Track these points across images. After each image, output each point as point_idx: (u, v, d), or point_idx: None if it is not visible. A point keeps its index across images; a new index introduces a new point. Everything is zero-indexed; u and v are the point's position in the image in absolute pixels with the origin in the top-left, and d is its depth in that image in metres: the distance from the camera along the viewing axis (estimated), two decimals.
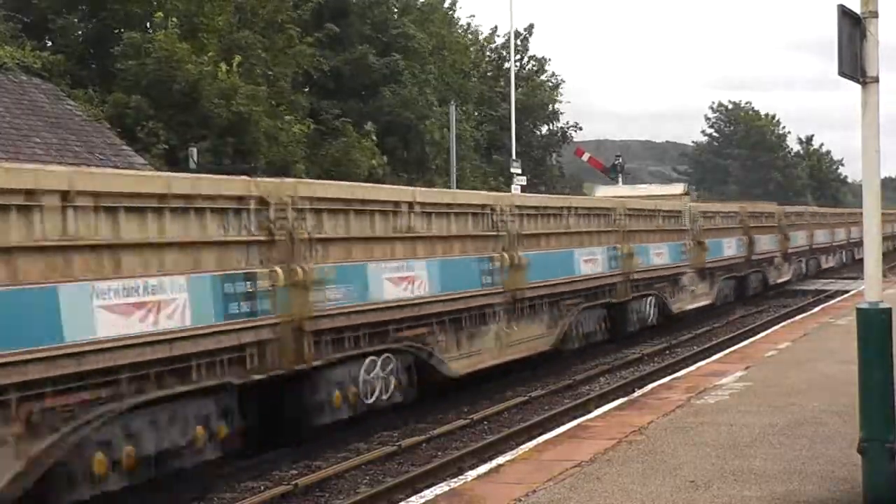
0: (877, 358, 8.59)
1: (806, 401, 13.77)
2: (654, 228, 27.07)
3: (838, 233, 52.95)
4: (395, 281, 15.10)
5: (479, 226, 18.12)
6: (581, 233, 22.22)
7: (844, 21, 8.58)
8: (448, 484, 10.57)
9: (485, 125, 48.55)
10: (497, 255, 18.30)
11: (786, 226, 41.66)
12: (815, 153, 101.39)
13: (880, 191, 8.99)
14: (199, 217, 11.73)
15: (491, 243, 18.32)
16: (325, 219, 13.84)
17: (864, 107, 8.70)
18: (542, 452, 11.66)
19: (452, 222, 17.22)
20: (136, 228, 10.83)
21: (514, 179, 40.98)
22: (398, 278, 15.19)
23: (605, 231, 23.59)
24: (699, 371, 17.64)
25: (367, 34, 39.46)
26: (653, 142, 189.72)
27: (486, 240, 18.21)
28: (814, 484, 9.58)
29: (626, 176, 51.33)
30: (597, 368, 21.52)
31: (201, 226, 11.75)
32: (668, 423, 12.73)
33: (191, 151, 26.32)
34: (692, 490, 9.49)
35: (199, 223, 11.72)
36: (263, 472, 12.91)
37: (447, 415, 16.53)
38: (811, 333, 22.45)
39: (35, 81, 24.76)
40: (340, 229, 14.23)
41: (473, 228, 17.90)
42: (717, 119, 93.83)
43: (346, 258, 14.18)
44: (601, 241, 23.19)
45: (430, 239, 16.37)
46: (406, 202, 15.86)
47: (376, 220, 15.10)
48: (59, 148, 22.55)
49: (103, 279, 10.22)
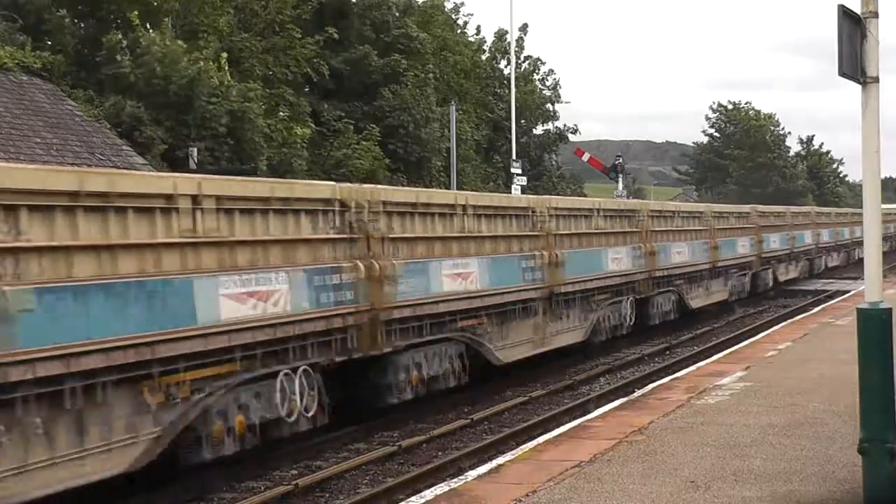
0: (877, 358, 8.59)
1: (806, 401, 13.78)
2: (675, 229, 28.76)
3: (843, 232, 53.71)
4: (452, 276, 16.65)
5: (523, 226, 19.71)
6: (608, 233, 23.84)
7: (844, 21, 8.58)
8: (448, 484, 10.58)
9: (483, 126, 48.56)
10: (538, 253, 19.84)
11: (793, 225, 43.11)
12: (815, 153, 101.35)
13: (880, 191, 9.00)
14: (295, 217, 13.40)
15: (533, 242, 19.88)
16: (394, 220, 15.37)
17: (864, 107, 8.70)
18: (542, 452, 11.67)
19: (499, 223, 18.82)
20: (248, 228, 12.48)
21: (515, 180, 40.98)
22: (454, 274, 16.73)
23: (630, 231, 25.26)
24: (699, 371, 17.65)
25: (368, 35, 39.45)
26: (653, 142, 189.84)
27: (529, 239, 19.77)
28: (814, 484, 9.59)
29: (626, 176, 51.30)
30: (597, 368, 21.54)
31: (297, 225, 13.45)
32: (669, 424, 12.74)
33: (190, 151, 26.31)
34: (692, 490, 9.49)
35: (295, 223, 13.40)
36: (263, 472, 12.92)
37: (447, 415, 16.54)
38: (811, 333, 22.46)
39: (35, 81, 24.75)
40: (407, 230, 15.73)
41: (517, 229, 19.46)
42: (718, 119, 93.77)
43: (411, 256, 15.70)
44: (626, 241, 24.77)
45: (481, 238, 17.93)
46: (461, 205, 17.49)
47: (436, 222, 16.65)
48: (59, 148, 22.54)
49: (225, 272, 11.87)
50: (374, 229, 14.70)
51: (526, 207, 20.00)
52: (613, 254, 23.69)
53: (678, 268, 28.16)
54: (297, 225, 13.37)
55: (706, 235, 30.98)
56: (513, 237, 19.13)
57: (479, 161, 46.10)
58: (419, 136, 38.75)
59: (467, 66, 48.32)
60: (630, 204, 27.73)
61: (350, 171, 33.19)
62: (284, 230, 13.09)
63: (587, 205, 23.90)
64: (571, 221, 21.90)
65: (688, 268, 29.01)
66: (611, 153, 60.53)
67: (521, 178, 41.23)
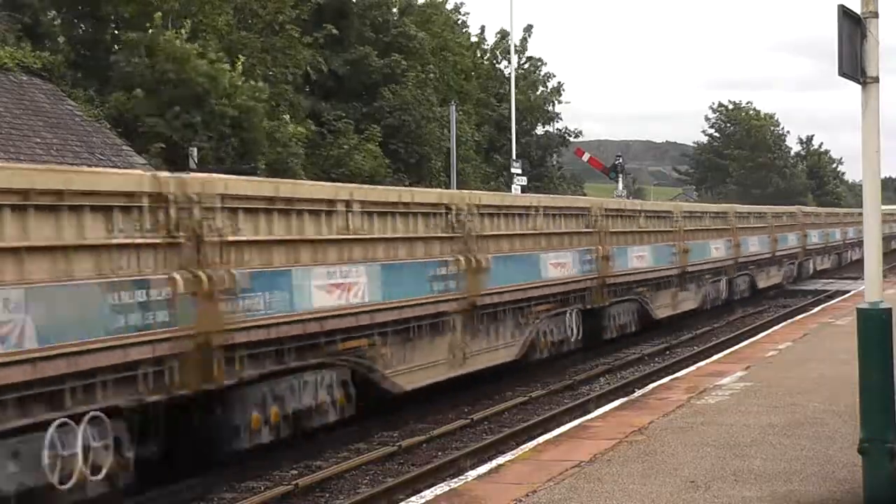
0: (877, 358, 8.58)
1: (806, 401, 13.77)
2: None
3: (833, 233, 53.35)
4: (328, 288, 13.94)
5: (434, 226, 16.96)
6: (550, 234, 21.07)
7: (844, 21, 8.57)
8: (448, 484, 10.57)
9: (485, 126, 48.56)
10: (454, 258, 17.17)
11: (804, 224, 43.98)
12: (815, 153, 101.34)
13: (880, 191, 8.99)
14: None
15: (447, 245, 17.26)
16: (241, 218, 12.61)
17: (864, 107, 8.70)
18: (542, 452, 11.66)
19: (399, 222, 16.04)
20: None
21: (515, 180, 40.97)
22: (331, 285, 14.01)
23: (581, 232, 22.63)
24: (699, 371, 17.64)
25: (367, 35, 39.44)
26: (653, 142, 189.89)
27: (441, 242, 17.17)
28: (814, 484, 9.58)
29: (627, 176, 51.30)
30: (597, 368, 21.53)
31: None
32: (669, 424, 12.73)
33: (191, 151, 26.32)
34: (692, 490, 9.49)
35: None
36: (263, 472, 12.91)
37: (447, 415, 16.53)
38: (811, 333, 22.45)
39: (35, 81, 24.75)
40: (261, 231, 12.99)
41: (426, 229, 16.73)
42: (718, 119, 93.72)
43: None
44: (574, 244, 22.14)
45: (370, 241, 15.20)
46: (342, 200, 14.62)
47: (305, 221, 13.82)
48: (59, 148, 22.54)
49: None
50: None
51: (437, 204, 17.18)
52: (555, 258, 20.84)
53: (639, 273, 25.50)
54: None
55: (674, 237, 28.49)
56: (417, 239, 16.33)
57: (479, 161, 46.08)
58: (419, 136, 38.74)
59: (468, 67, 48.30)
60: (581, 202, 24.97)
61: (351, 170, 33.19)
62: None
63: (523, 202, 21.12)
64: (501, 221, 19.05)
65: (651, 273, 26.32)
66: (611, 153, 60.54)
67: (521, 178, 41.23)
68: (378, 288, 14.95)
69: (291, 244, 13.42)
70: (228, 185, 12.49)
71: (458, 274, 17.08)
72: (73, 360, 10.02)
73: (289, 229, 13.34)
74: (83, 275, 10.27)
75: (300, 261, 13.50)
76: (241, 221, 12.48)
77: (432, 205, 17.10)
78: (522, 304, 19.44)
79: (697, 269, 30.16)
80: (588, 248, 22.62)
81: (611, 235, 23.90)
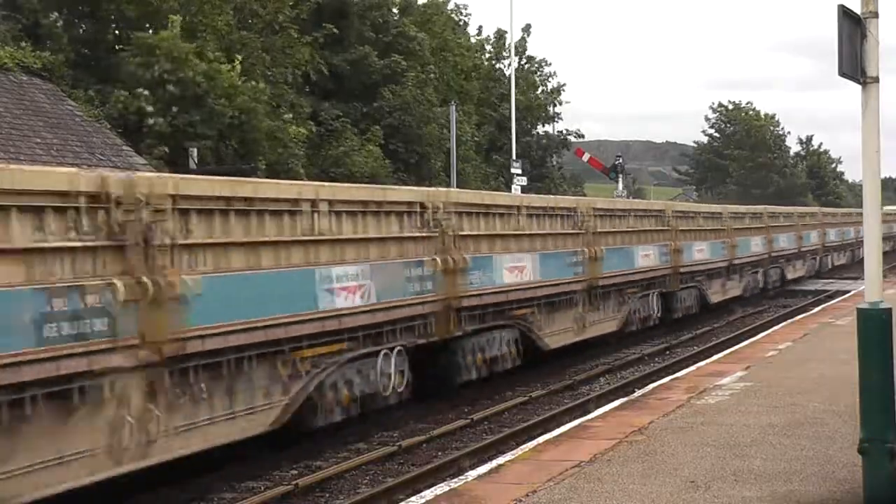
0: (877, 358, 8.58)
1: (806, 401, 13.77)
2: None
3: (848, 232, 54.78)
4: (511, 270, 18.65)
5: (570, 225, 21.74)
6: (640, 231, 25.95)
7: (844, 21, 8.57)
8: (448, 484, 10.57)
9: (486, 125, 48.57)
10: (581, 250, 21.89)
11: (823, 223, 46.51)
12: (815, 153, 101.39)
13: (880, 191, 9.00)
14: (396, 217, 15.57)
15: (577, 240, 21.87)
16: (464, 219, 17.29)
17: (864, 107, 8.70)
18: (542, 452, 11.66)
19: (547, 222, 20.82)
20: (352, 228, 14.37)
21: (515, 180, 40.99)
22: (512, 267, 18.73)
23: (659, 230, 27.33)
24: (699, 371, 17.64)
25: (367, 35, 39.45)
26: (653, 142, 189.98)
27: (573, 237, 21.77)
28: (814, 484, 9.58)
29: (626, 176, 51.31)
30: (597, 368, 21.54)
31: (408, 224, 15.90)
32: (669, 424, 12.74)
33: (190, 151, 26.33)
34: (692, 490, 9.49)
35: (395, 222, 15.59)
36: (263, 472, 12.91)
37: (447, 415, 16.54)
38: (811, 333, 22.46)
39: (35, 82, 24.76)
40: (475, 228, 17.73)
41: (562, 227, 21.45)
42: (718, 119, 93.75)
43: (477, 251, 17.72)
44: (655, 240, 26.80)
45: (535, 236, 19.97)
46: (516, 206, 19.66)
47: (496, 221, 18.57)
48: (59, 148, 22.55)
49: (336, 264, 13.75)
50: (448, 227, 16.47)
51: (568, 208, 22.00)
52: (643, 251, 25.65)
53: (700, 265, 30.14)
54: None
55: (724, 235, 33.01)
56: (564, 234, 21.32)
57: (479, 161, 46.11)
58: (420, 136, 38.75)
59: (468, 67, 48.31)
60: (657, 205, 30.61)
61: (350, 170, 33.19)
62: (399, 229, 15.50)
63: (623, 206, 26.47)
64: (608, 221, 24.02)
65: (708, 265, 30.99)
66: (611, 153, 60.57)
67: (520, 178, 41.24)
68: (538, 271, 19.69)
69: (492, 238, 18.35)
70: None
71: (584, 261, 21.90)
72: (393, 311, 14.91)
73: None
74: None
75: (496, 250, 18.32)
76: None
77: (565, 209, 21.83)
78: (622, 287, 24.19)
79: (741, 262, 34.95)
80: (665, 242, 27.36)
81: (679, 233, 28.74)
